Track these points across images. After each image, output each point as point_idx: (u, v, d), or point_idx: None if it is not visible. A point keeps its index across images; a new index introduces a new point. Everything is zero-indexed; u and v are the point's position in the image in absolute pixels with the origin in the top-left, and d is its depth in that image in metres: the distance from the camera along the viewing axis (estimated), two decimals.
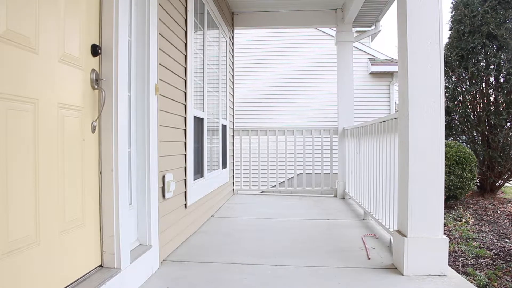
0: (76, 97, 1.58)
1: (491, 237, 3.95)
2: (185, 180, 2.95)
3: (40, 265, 1.34)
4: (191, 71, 3.10)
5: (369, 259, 2.47)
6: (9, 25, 1.20)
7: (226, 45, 4.96)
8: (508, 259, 3.25)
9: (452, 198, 5.33)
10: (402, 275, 2.17)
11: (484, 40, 5.89)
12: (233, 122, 5.50)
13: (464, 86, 6.28)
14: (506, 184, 6.60)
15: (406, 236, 2.19)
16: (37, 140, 1.33)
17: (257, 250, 2.67)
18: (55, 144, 1.43)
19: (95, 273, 1.67)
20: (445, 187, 2.45)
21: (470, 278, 2.81)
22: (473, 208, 5.28)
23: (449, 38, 6.50)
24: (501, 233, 4.10)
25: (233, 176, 5.50)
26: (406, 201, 2.21)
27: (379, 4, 5.11)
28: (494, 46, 5.97)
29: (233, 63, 5.54)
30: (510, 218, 4.77)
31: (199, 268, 2.31)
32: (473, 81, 6.14)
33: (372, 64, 9.95)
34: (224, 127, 4.76)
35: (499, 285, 2.73)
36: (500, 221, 4.63)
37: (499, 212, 5.09)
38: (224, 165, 4.74)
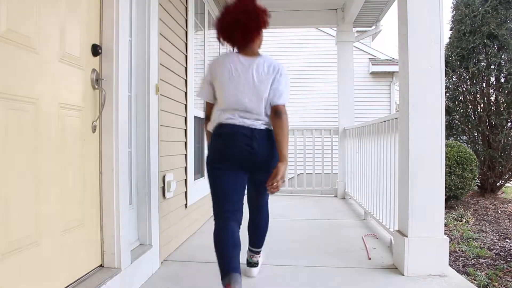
0: (77, 97, 1.58)
1: (491, 237, 3.94)
2: (186, 180, 2.95)
3: (40, 265, 1.34)
4: (192, 71, 3.10)
5: (370, 259, 2.47)
6: (10, 25, 1.20)
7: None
8: (509, 259, 3.25)
9: (452, 198, 5.32)
10: (403, 275, 2.16)
11: (485, 40, 5.88)
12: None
13: (465, 86, 6.27)
14: (507, 184, 6.58)
15: (406, 236, 2.19)
16: (38, 140, 1.33)
17: None
18: (55, 144, 1.43)
19: (96, 273, 1.67)
20: (445, 187, 2.45)
21: (471, 278, 2.80)
22: (473, 208, 5.27)
23: (450, 38, 6.49)
24: (502, 233, 4.09)
25: None
26: (407, 201, 2.21)
27: (379, 4, 5.10)
28: (495, 46, 5.96)
29: None
30: (510, 218, 4.76)
31: (200, 268, 2.31)
32: (474, 81, 6.14)
33: (372, 64, 9.95)
34: None
35: (499, 285, 2.72)
36: (500, 221, 4.62)
37: (499, 212, 5.09)
38: None
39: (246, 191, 1.98)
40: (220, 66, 1.86)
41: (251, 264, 2.15)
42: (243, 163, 1.82)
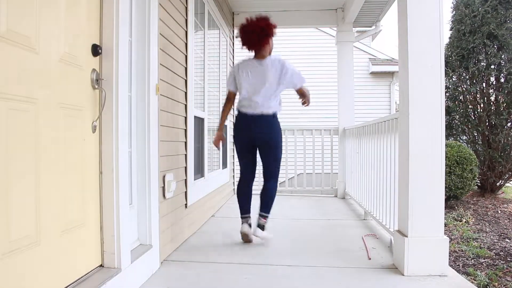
0: (77, 97, 1.58)
1: (491, 237, 3.95)
2: (186, 180, 2.95)
3: (40, 265, 1.34)
4: (192, 71, 3.10)
5: (370, 259, 2.47)
6: (10, 25, 1.20)
7: (227, 45, 4.96)
8: (509, 259, 3.25)
9: (452, 198, 5.32)
10: (403, 275, 2.16)
11: (485, 40, 5.88)
12: (233, 122, 5.49)
13: (465, 86, 6.27)
14: (507, 184, 6.59)
15: (406, 236, 2.19)
16: (38, 140, 1.33)
17: (257, 250, 2.67)
18: (55, 144, 1.43)
19: (96, 273, 1.67)
20: (445, 187, 2.45)
21: (471, 278, 2.80)
22: (473, 208, 5.28)
23: (450, 38, 6.49)
24: (502, 233, 4.09)
25: (233, 176, 5.50)
26: (407, 201, 2.21)
27: (379, 4, 5.10)
28: (495, 46, 5.96)
29: (233, 62, 5.54)
30: (510, 218, 4.77)
31: (200, 268, 2.31)
32: (474, 81, 6.14)
33: (372, 64, 9.95)
34: (224, 127, 4.75)
35: (499, 285, 2.72)
36: (500, 221, 4.63)
37: (499, 212, 5.09)
38: (224, 165, 4.74)
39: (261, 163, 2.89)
40: (242, 67, 2.79)
41: (259, 226, 2.78)
42: (250, 140, 2.79)
